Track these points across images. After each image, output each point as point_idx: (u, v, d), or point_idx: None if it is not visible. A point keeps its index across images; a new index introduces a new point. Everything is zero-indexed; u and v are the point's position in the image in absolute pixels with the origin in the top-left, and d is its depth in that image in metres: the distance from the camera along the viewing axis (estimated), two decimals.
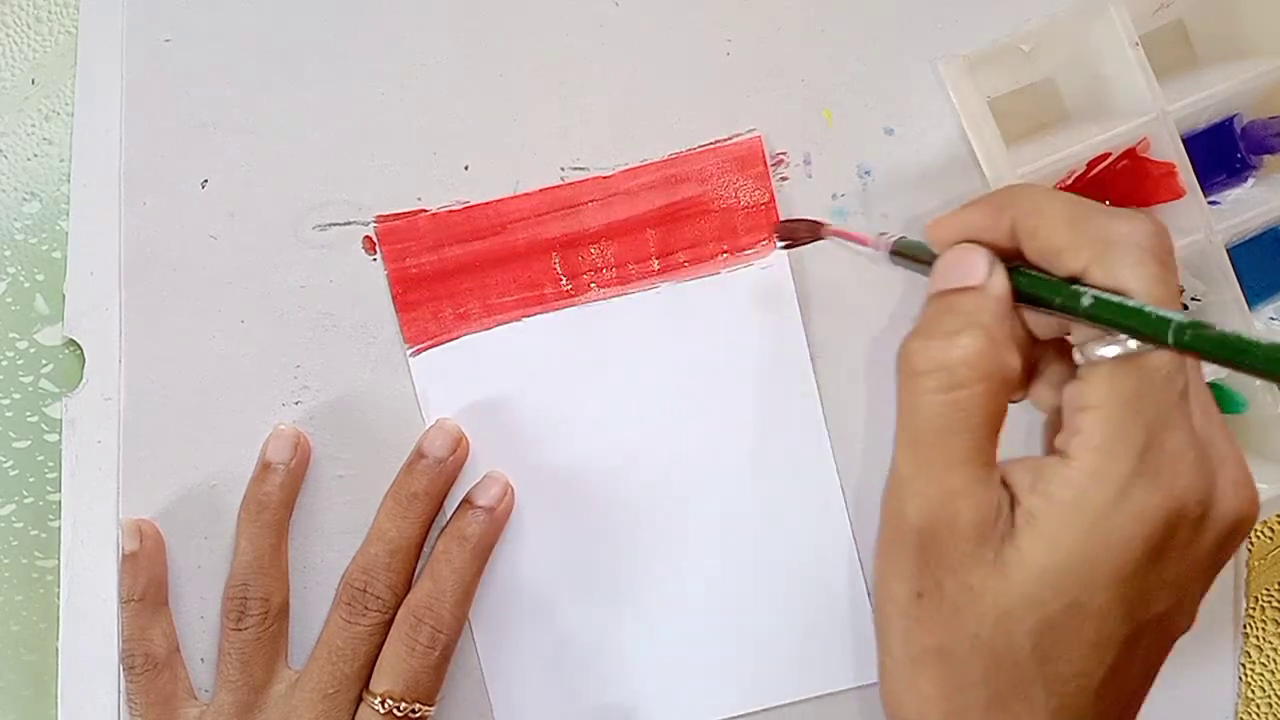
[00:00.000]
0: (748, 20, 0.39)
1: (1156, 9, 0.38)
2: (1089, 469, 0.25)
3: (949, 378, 0.26)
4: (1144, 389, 0.25)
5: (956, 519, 0.26)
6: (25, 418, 0.40)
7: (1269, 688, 0.40)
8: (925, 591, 0.26)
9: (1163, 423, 0.25)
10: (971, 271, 0.27)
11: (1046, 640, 0.25)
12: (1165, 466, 0.24)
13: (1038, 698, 0.25)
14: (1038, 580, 0.25)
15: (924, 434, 0.26)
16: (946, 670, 0.26)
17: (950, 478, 0.26)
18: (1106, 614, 0.25)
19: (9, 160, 0.41)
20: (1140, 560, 0.25)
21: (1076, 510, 0.25)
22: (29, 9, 0.41)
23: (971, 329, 0.26)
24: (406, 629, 0.36)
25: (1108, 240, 0.26)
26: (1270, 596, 0.40)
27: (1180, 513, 0.24)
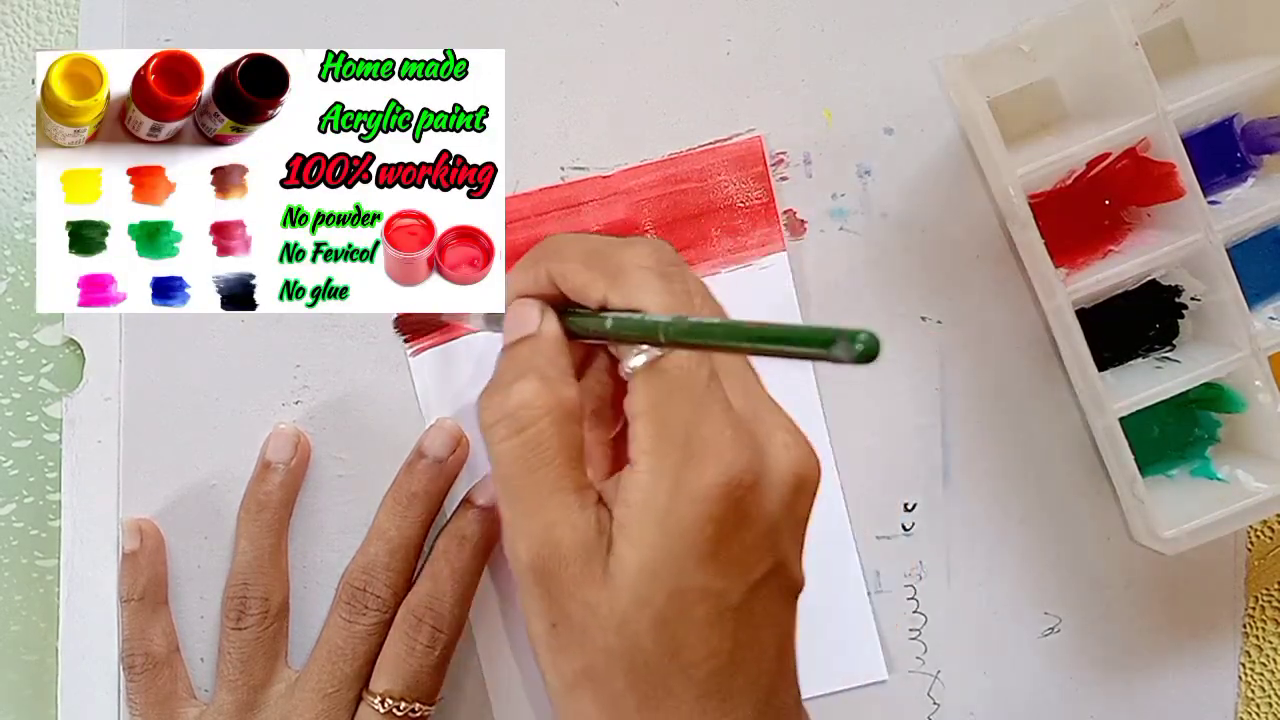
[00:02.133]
0: (748, 20, 0.39)
1: (1156, 9, 0.38)
2: (647, 469, 0.27)
3: (515, 422, 0.28)
4: (671, 386, 0.27)
5: (559, 546, 0.27)
6: (25, 418, 0.40)
7: (1269, 688, 0.40)
8: (557, 621, 0.28)
9: (696, 411, 0.27)
10: (525, 322, 0.31)
11: (665, 633, 0.27)
12: (707, 449, 0.27)
13: (680, 687, 0.27)
14: (637, 580, 0.27)
15: (510, 479, 0.28)
16: (596, 687, 0.28)
17: (543, 512, 0.28)
18: (707, 592, 0.27)
19: (9, 160, 0.41)
20: (716, 536, 0.26)
21: (647, 509, 0.27)
22: (29, 9, 0.41)
23: (527, 373, 0.29)
24: (406, 629, 0.36)
25: (616, 269, 0.29)
26: (1270, 596, 0.41)
27: (734, 484, 0.26)
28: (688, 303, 0.29)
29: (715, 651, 0.27)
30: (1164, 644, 0.40)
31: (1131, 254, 0.37)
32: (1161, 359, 0.39)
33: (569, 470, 0.28)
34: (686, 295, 0.29)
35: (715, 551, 0.27)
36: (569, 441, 0.28)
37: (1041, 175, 0.36)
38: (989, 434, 0.40)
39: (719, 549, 0.27)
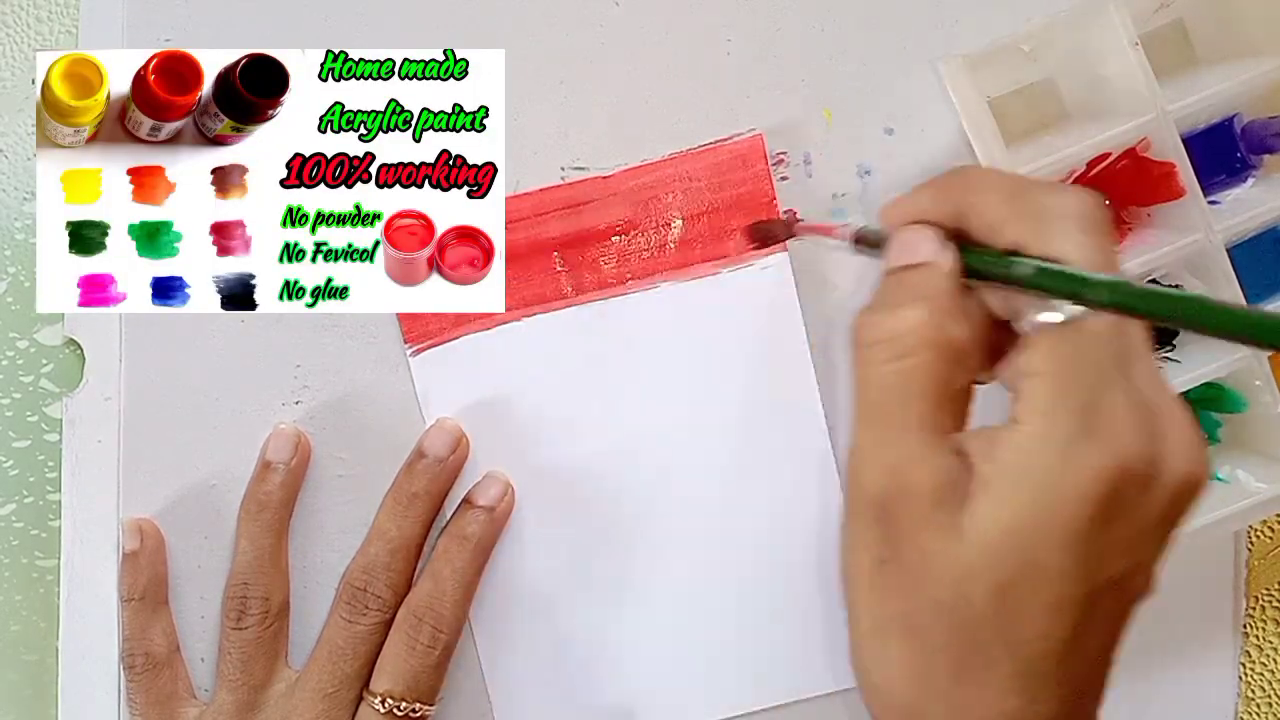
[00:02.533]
0: (748, 20, 0.39)
1: (1156, 9, 0.38)
2: (1034, 432, 0.25)
3: (897, 347, 0.27)
4: (1083, 352, 0.25)
5: (911, 485, 0.26)
6: (25, 418, 0.40)
7: (1269, 688, 0.40)
8: (886, 559, 0.27)
9: (1104, 384, 0.25)
10: (920, 249, 0.28)
11: (1005, 602, 0.25)
12: (1108, 427, 0.25)
13: (1001, 659, 0.26)
14: (991, 543, 0.25)
15: (876, 404, 0.27)
16: (911, 636, 0.26)
17: (904, 445, 0.26)
18: (1062, 575, 0.25)
19: (9, 160, 0.41)
20: (1091, 520, 0.25)
21: (1025, 472, 0.25)
22: (29, 9, 0.41)
23: (917, 300, 0.27)
24: (407, 628, 0.36)
25: (1043, 213, 0.27)
26: (1270, 596, 0.41)
27: (1126, 471, 0.25)
28: (1115, 263, 0.27)
29: (1047, 636, 0.26)
30: (1164, 644, 0.40)
31: (1131, 254, 0.37)
32: (1161, 359, 0.39)
33: (940, 409, 0.27)
34: (1113, 255, 0.27)
35: (1084, 536, 0.25)
36: (945, 380, 0.27)
37: (1041, 175, 0.36)
38: None
39: (1089, 535, 0.25)
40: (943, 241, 0.28)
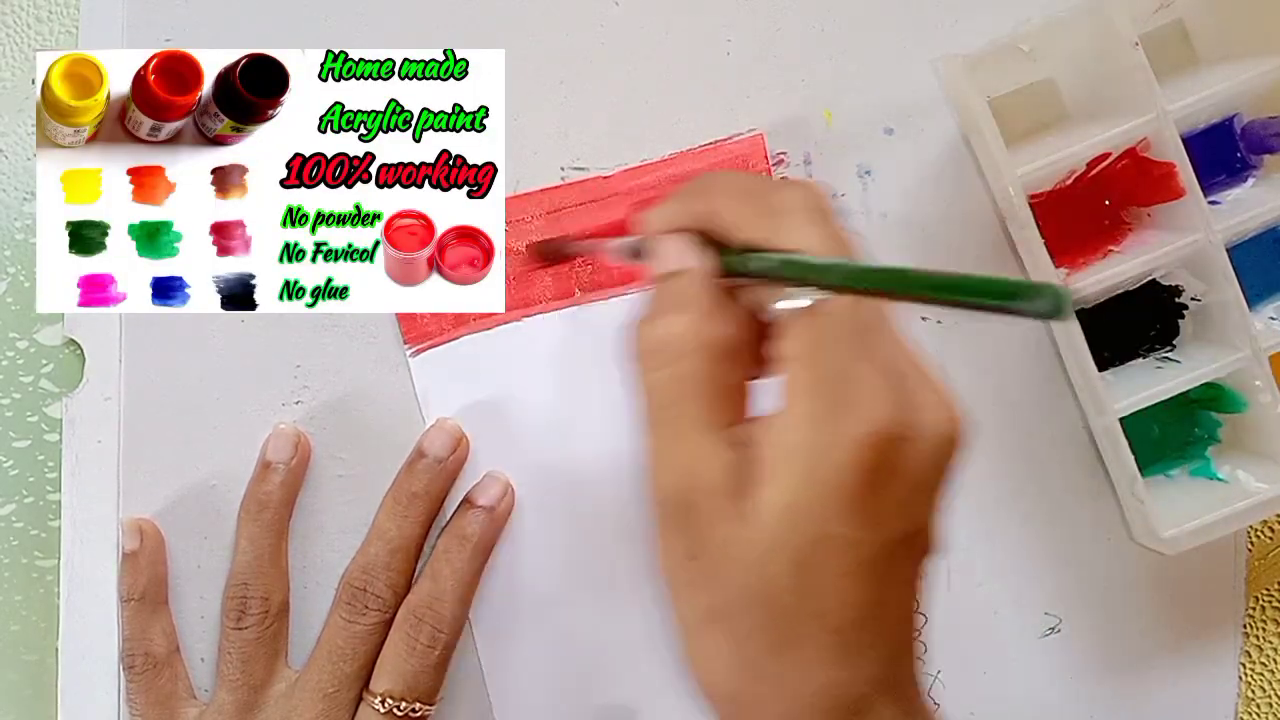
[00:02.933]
0: (748, 20, 0.39)
1: (1156, 9, 0.38)
2: (796, 412, 0.27)
3: (667, 354, 0.28)
4: (826, 331, 0.27)
5: (701, 481, 0.27)
6: (25, 418, 0.40)
7: (1269, 688, 0.40)
8: (693, 554, 0.28)
9: (850, 358, 0.27)
10: (675, 257, 0.30)
11: (802, 577, 0.26)
12: (859, 398, 0.26)
13: (812, 633, 0.27)
14: (779, 522, 0.26)
15: (657, 410, 0.28)
16: (728, 625, 0.28)
17: (687, 445, 0.28)
18: (849, 542, 0.26)
19: (9, 160, 0.41)
20: (861, 486, 0.26)
21: (794, 451, 0.26)
22: (29, 9, 0.41)
23: (680, 307, 0.29)
24: (407, 628, 0.36)
25: (774, 210, 0.29)
26: (1270, 596, 0.41)
27: (883, 435, 0.26)
28: (846, 245, 0.28)
29: (849, 603, 0.27)
30: (1164, 644, 0.40)
31: (1131, 254, 0.37)
32: (1161, 359, 0.39)
33: (715, 406, 0.28)
34: (845, 239, 0.28)
35: (860, 502, 0.26)
36: (719, 378, 0.28)
37: (1041, 175, 0.36)
38: (989, 434, 0.40)
39: (864, 500, 0.26)
40: (695, 247, 0.30)
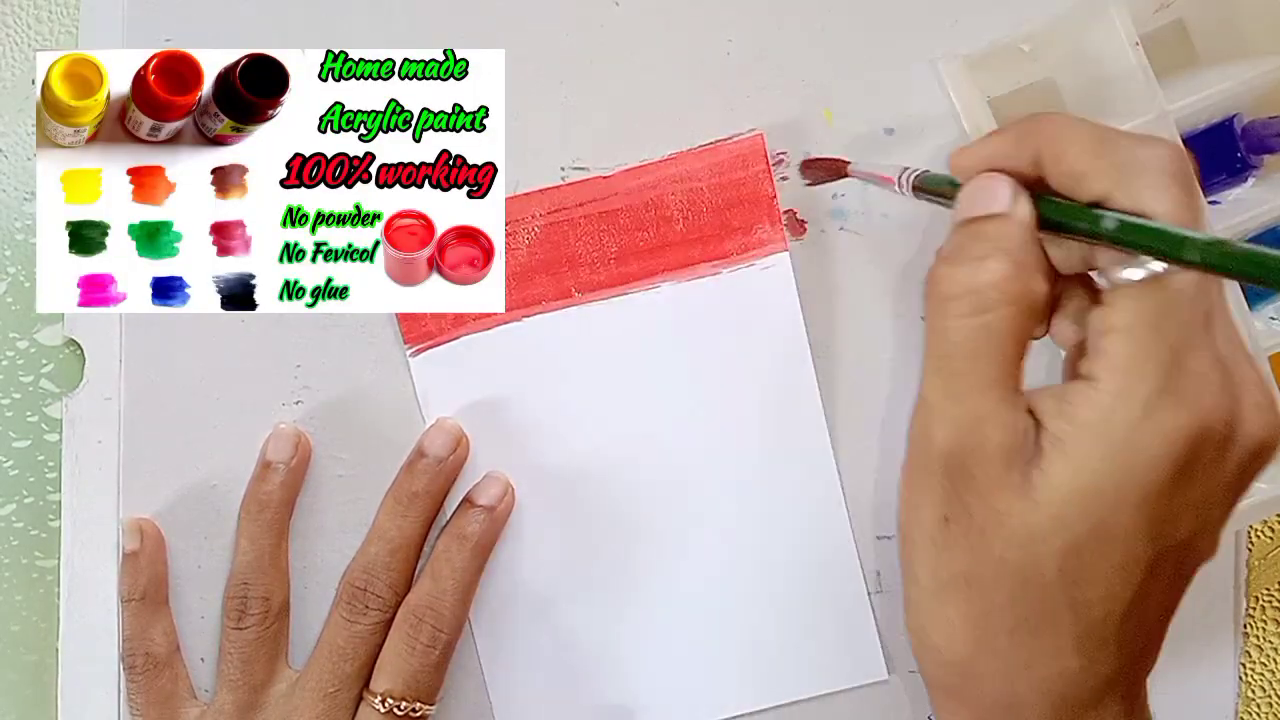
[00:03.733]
0: (748, 20, 0.39)
1: (1156, 9, 0.38)
2: (1113, 389, 0.25)
3: (977, 301, 0.26)
4: (1167, 309, 0.25)
5: (984, 443, 0.26)
6: (25, 418, 0.40)
7: (1269, 688, 0.40)
8: (952, 517, 0.26)
9: (1187, 343, 0.25)
10: (996, 199, 0.27)
11: (1073, 563, 0.25)
12: (1190, 386, 0.24)
13: (1064, 621, 0.25)
14: (1064, 503, 0.25)
15: (952, 358, 0.26)
16: (973, 595, 0.26)
17: (978, 402, 0.26)
18: (1132, 536, 0.25)
19: (9, 160, 0.41)
20: (1166, 480, 0.24)
21: (1102, 431, 0.25)
22: (29, 9, 0.41)
23: (998, 254, 0.26)
24: (407, 628, 0.36)
25: (1129, 165, 0.26)
26: (1270, 596, 0.41)
27: (1205, 432, 0.24)
28: (1201, 219, 0.26)
29: (1114, 598, 0.25)
30: (1164, 644, 0.40)
31: None
32: None
33: (1013, 367, 0.26)
34: (1200, 210, 0.26)
35: (1160, 498, 0.25)
36: (1022, 337, 0.26)
37: None
38: None
39: (1164, 496, 0.25)
40: (1018, 191, 0.27)
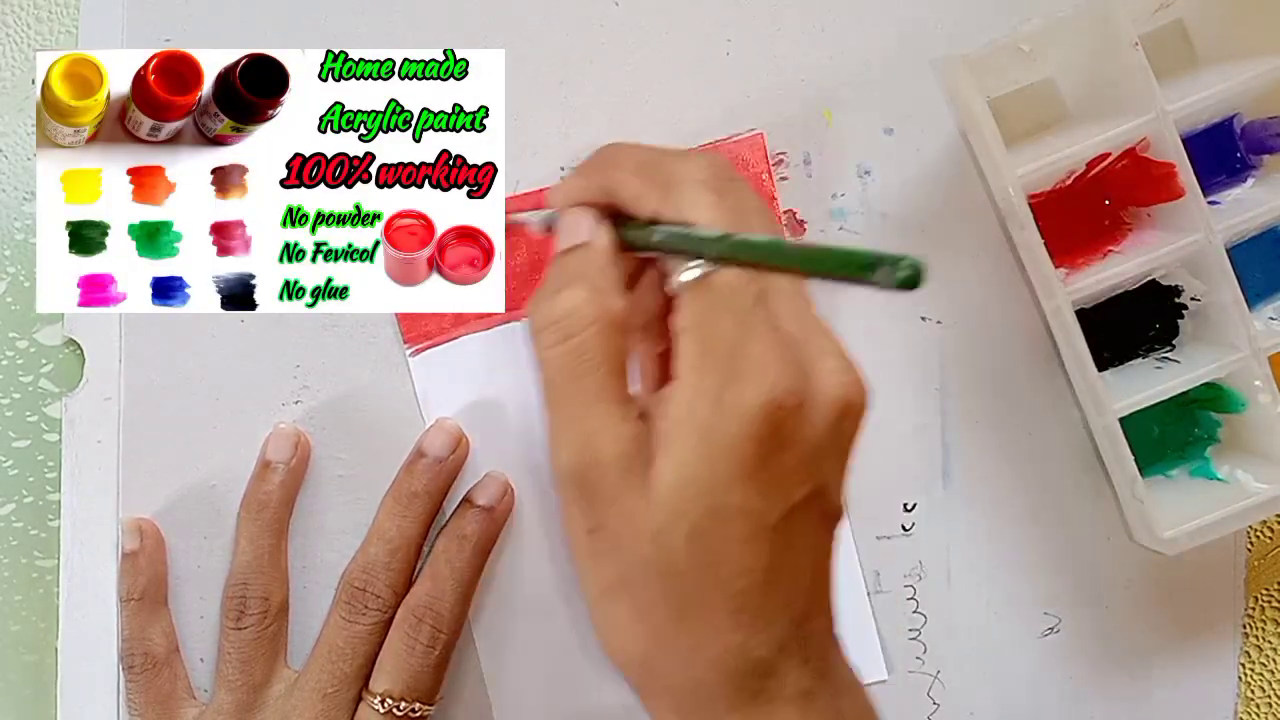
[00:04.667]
0: (748, 20, 0.39)
1: (1156, 9, 0.38)
2: (691, 385, 0.27)
3: (563, 328, 0.28)
4: (718, 302, 0.27)
5: (600, 455, 0.28)
6: (25, 418, 0.40)
7: (1269, 688, 0.40)
8: (594, 528, 0.28)
9: (742, 330, 0.27)
10: (579, 230, 0.31)
11: (700, 546, 0.27)
12: (750, 368, 0.26)
13: (713, 600, 0.27)
14: (675, 494, 0.27)
15: (555, 385, 0.29)
16: (631, 595, 0.28)
17: (586, 419, 0.28)
18: (745, 510, 0.27)
19: (9, 160, 0.41)
20: (756, 455, 0.26)
21: (688, 424, 0.27)
22: (29, 9, 0.41)
23: (576, 281, 0.29)
24: (406, 628, 0.36)
25: (669, 182, 0.29)
26: (1270, 596, 0.41)
27: (776, 404, 0.26)
28: (740, 219, 0.28)
29: (750, 569, 0.27)
30: (1164, 644, 0.40)
31: (1131, 254, 0.37)
32: (1161, 359, 0.39)
33: (612, 380, 0.28)
34: (739, 212, 0.29)
35: (755, 470, 0.27)
36: (614, 352, 0.29)
37: (1041, 175, 0.36)
38: (989, 434, 0.40)
39: (759, 468, 0.27)
40: (597, 220, 0.30)
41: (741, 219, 0.29)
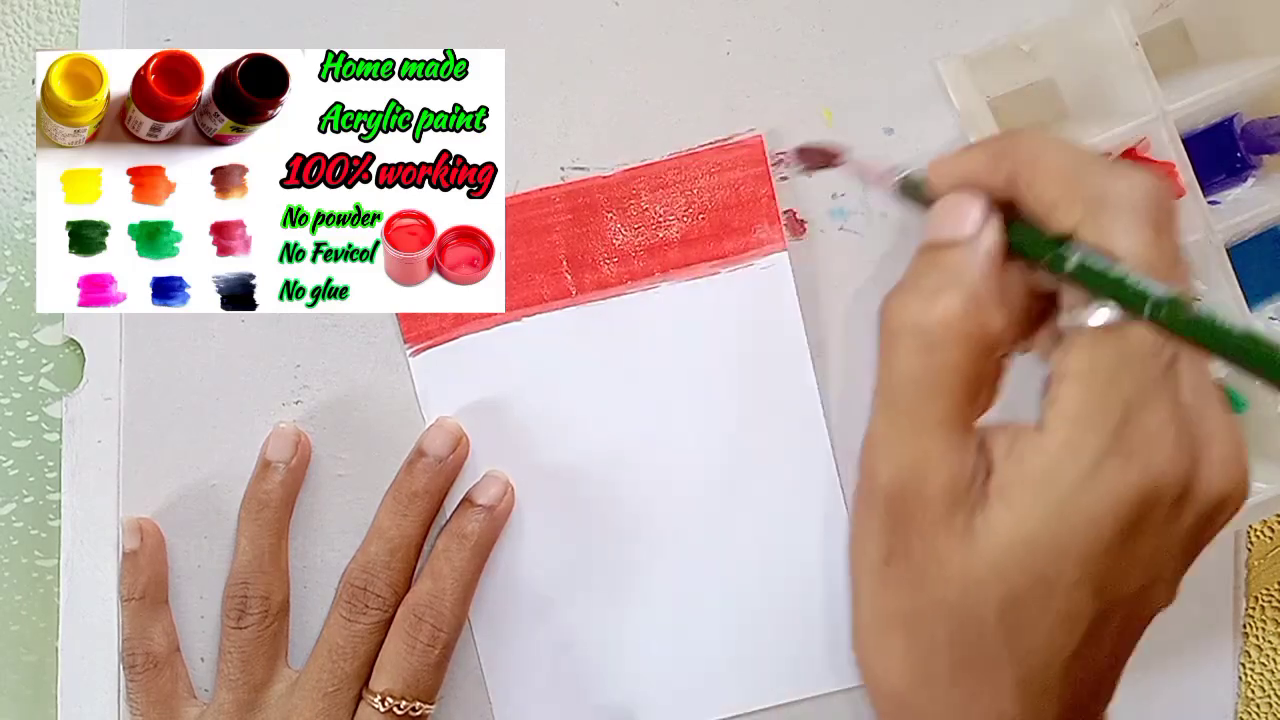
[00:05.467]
0: (748, 20, 0.39)
1: (1156, 9, 0.38)
2: (1061, 440, 0.24)
3: (926, 339, 0.25)
4: (1125, 361, 0.24)
5: (926, 484, 0.25)
6: (25, 417, 0.40)
7: (1269, 688, 0.40)
8: (894, 555, 0.26)
9: (1143, 397, 0.24)
10: (962, 223, 0.26)
11: (1012, 612, 0.24)
12: (1141, 444, 0.24)
13: (1003, 666, 0.25)
14: (1004, 552, 0.24)
15: (899, 394, 0.26)
16: (914, 633, 0.26)
17: (922, 441, 0.25)
18: (1075, 590, 0.24)
19: (9, 160, 0.41)
20: (1111, 539, 0.24)
21: (1046, 484, 0.24)
22: (29, 9, 0.41)
23: (952, 288, 0.25)
24: (406, 627, 0.36)
25: (1101, 198, 0.25)
26: (1270, 596, 0.41)
27: (1155, 492, 0.24)
28: (1176, 263, 0.24)
29: (1057, 647, 0.25)
30: (1164, 644, 0.40)
31: None
32: None
33: (966, 405, 0.25)
34: (1176, 254, 0.25)
35: (1105, 556, 0.24)
36: (974, 375, 0.25)
37: None
38: None
39: (1110, 554, 0.24)
40: (987, 213, 0.26)
41: (1175, 266, 0.24)
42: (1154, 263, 0.24)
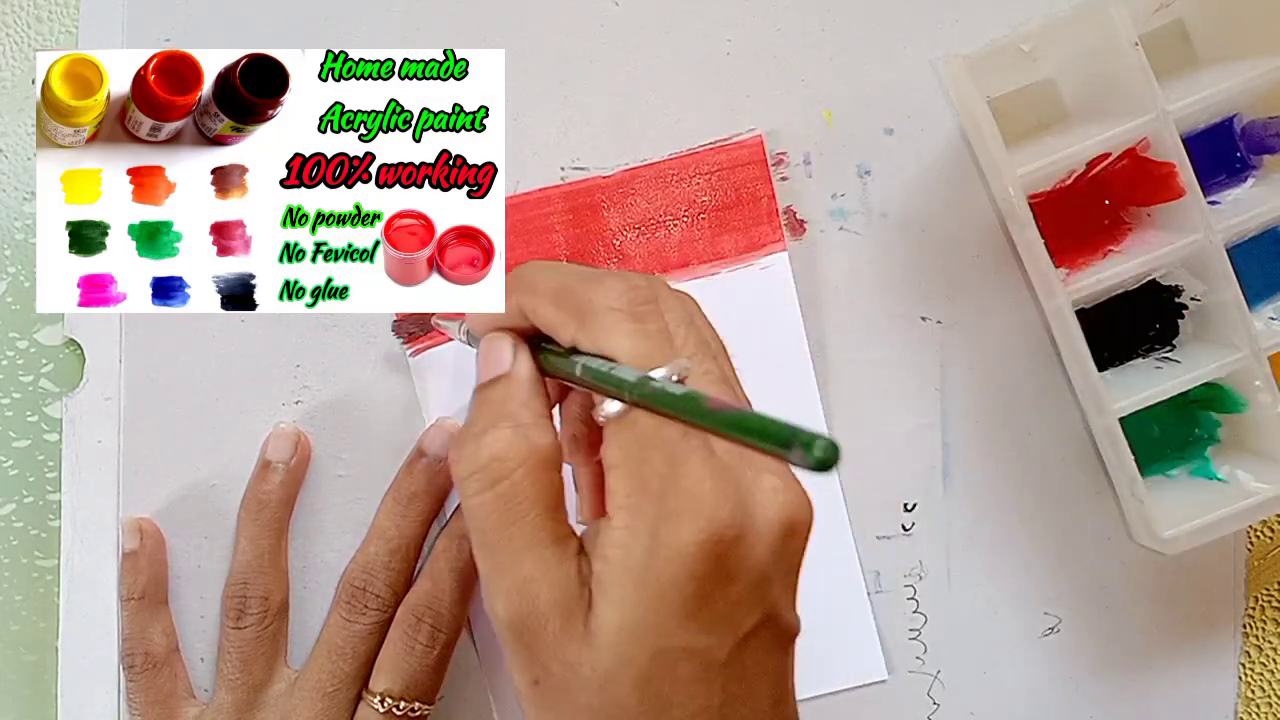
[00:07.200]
0: (748, 20, 0.39)
1: (1156, 9, 0.38)
2: (622, 525, 0.26)
3: (487, 476, 0.27)
4: (644, 438, 0.26)
5: (537, 603, 0.26)
6: (25, 417, 0.40)
7: (1269, 688, 0.40)
8: (539, 678, 0.27)
9: (671, 465, 0.25)
10: (500, 359, 0.29)
11: (649, 692, 0.26)
12: (684, 503, 0.25)
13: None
14: (619, 640, 0.25)
15: (485, 534, 0.27)
16: None
17: (520, 569, 0.27)
18: (692, 651, 0.26)
19: (9, 160, 0.41)
20: (698, 593, 0.25)
21: (625, 568, 0.26)
22: (29, 9, 0.41)
23: (499, 421, 0.27)
24: (406, 628, 0.36)
25: (585, 310, 0.27)
26: (1270, 596, 0.40)
27: (714, 539, 0.25)
28: (663, 345, 0.27)
29: (704, 708, 0.26)
30: (1164, 644, 0.40)
31: (1131, 254, 0.37)
32: (1161, 359, 0.39)
33: (546, 521, 0.27)
34: (661, 337, 0.27)
35: (698, 609, 0.25)
36: (546, 491, 0.27)
37: (1041, 175, 0.36)
38: (989, 434, 0.40)
39: (702, 606, 0.25)
40: (516, 347, 0.29)
41: (664, 345, 0.27)
42: (645, 351, 0.26)
